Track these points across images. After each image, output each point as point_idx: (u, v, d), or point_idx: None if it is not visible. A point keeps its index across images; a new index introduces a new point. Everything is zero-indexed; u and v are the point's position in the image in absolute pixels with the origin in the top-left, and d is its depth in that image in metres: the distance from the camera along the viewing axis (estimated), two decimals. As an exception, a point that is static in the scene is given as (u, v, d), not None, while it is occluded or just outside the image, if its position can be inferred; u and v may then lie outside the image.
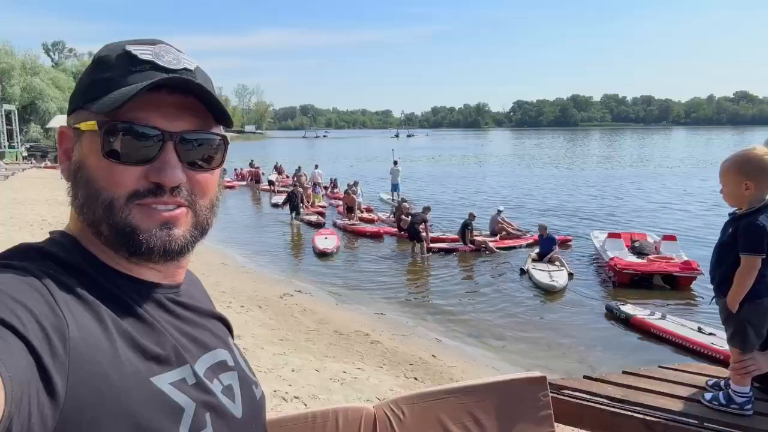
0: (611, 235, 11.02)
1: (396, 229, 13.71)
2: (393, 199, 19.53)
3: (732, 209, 2.16)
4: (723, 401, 2.07)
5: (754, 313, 2.06)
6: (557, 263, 10.37)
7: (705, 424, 2.01)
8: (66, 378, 0.53)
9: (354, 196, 15.92)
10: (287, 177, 24.88)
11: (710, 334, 6.79)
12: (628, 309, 7.88)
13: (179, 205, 0.68)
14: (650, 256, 9.90)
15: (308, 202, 17.70)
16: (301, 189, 16.84)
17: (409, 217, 12.47)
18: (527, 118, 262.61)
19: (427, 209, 12.97)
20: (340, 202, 17.26)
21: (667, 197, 21.41)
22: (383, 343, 6.72)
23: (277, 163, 28.03)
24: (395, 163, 20.29)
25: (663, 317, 7.52)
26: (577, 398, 2.19)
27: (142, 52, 0.68)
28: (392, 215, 15.23)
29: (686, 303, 8.78)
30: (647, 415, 2.06)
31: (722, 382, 2.18)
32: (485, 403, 2.04)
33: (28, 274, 0.58)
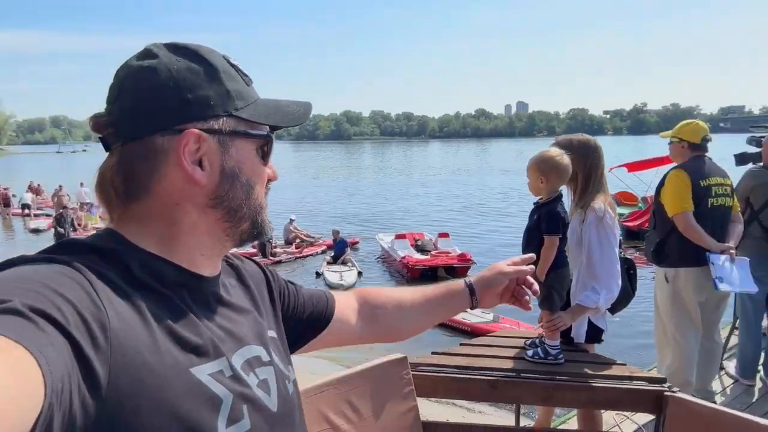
0: (398, 236, 12.14)
1: None
2: None
3: (536, 199, 2.65)
4: (542, 355, 2.53)
5: (556, 279, 2.55)
6: (349, 264, 11.19)
7: (530, 375, 2.43)
8: (108, 368, 0.54)
9: None
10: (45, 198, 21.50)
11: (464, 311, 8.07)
12: None
13: None
14: (432, 252, 11.19)
15: (79, 224, 15.60)
16: (70, 211, 14.78)
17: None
18: (305, 132, 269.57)
19: None
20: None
21: (434, 200, 24.19)
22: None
23: (31, 182, 24.04)
24: None
25: None
26: (430, 372, 2.43)
27: (236, 62, 0.75)
28: None
29: None
30: (489, 375, 2.40)
31: (537, 341, 2.66)
32: (360, 389, 2.16)
33: (71, 267, 0.58)
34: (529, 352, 2.57)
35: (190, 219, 0.71)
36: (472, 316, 7.94)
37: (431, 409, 4.45)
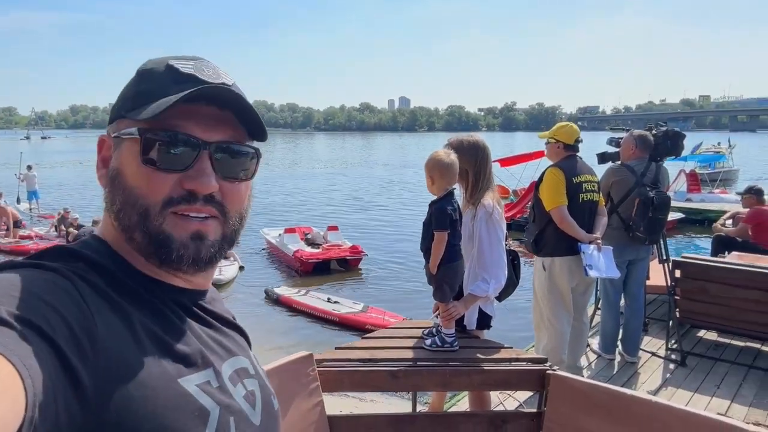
0: (287, 231, 11.94)
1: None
2: (31, 209, 17.02)
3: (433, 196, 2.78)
4: (439, 343, 2.67)
5: (447, 273, 2.71)
6: (231, 258, 11.00)
7: (428, 363, 2.57)
8: (95, 379, 0.52)
9: (10, 209, 13.17)
10: None
11: (335, 302, 8.38)
12: (279, 290, 9.05)
13: (211, 215, 0.69)
14: (324, 245, 11.21)
15: None
16: None
17: (80, 229, 11.05)
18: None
19: (96, 222, 11.64)
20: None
21: (319, 193, 24.18)
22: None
23: None
24: (29, 167, 17.87)
25: (306, 293, 8.86)
26: (335, 367, 2.47)
27: (184, 66, 0.70)
28: (55, 228, 13.13)
29: (357, 279, 10.50)
30: (390, 366, 2.49)
31: (434, 330, 2.80)
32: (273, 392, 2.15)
33: (58, 275, 0.57)
34: (427, 341, 2.71)
35: (115, 225, 0.70)
36: (341, 307, 8.13)
37: (331, 404, 4.51)
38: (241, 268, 10.87)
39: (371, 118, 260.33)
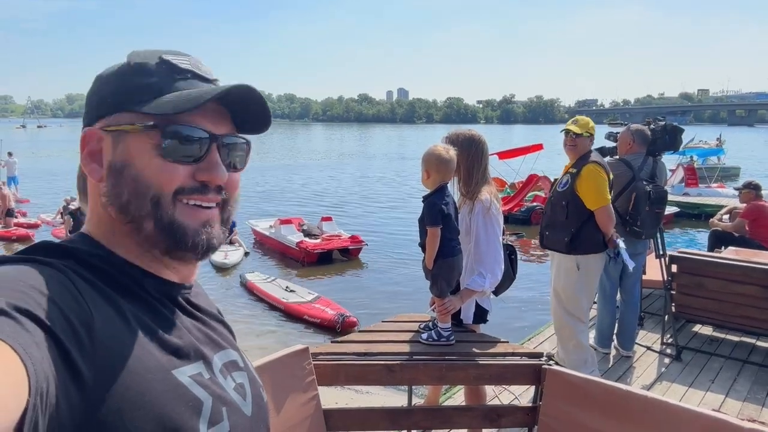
0: (283, 222, 11.87)
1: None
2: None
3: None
4: (435, 337, 2.67)
5: (443, 268, 2.69)
6: (236, 244, 11.32)
7: (424, 357, 2.57)
8: (93, 368, 0.54)
9: (7, 192, 13.36)
10: None
11: (291, 291, 8.39)
12: (249, 276, 9.16)
13: (216, 204, 0.73)
14: (324, 236, 11.21)
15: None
16: None
17: (84, 216, 11.21)
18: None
19: (67, 202, 11.83)
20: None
21: (317, 184, 24.15)
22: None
23: None
24: (10, 154, 18.89)
25: (273, 281, 8.93)
26: (330, 360, 2.48)
27: (181, 62, 0.72)
28: (61, 216, 13.15)
29: (358, 268, 10.62)
30: (386, 360, 2.50)
31: (431, 324, 2.80)
32: (262, 383, 2.15)
33: (53, 269, 0.59)
34: (424, 335, 2.71)
35: (120, 216, 0.70)
36: (293, 296, 8.13)
37: (326, 396, 4.52)
38: (246, 254, 11.13)
39: (369, 110, 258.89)
